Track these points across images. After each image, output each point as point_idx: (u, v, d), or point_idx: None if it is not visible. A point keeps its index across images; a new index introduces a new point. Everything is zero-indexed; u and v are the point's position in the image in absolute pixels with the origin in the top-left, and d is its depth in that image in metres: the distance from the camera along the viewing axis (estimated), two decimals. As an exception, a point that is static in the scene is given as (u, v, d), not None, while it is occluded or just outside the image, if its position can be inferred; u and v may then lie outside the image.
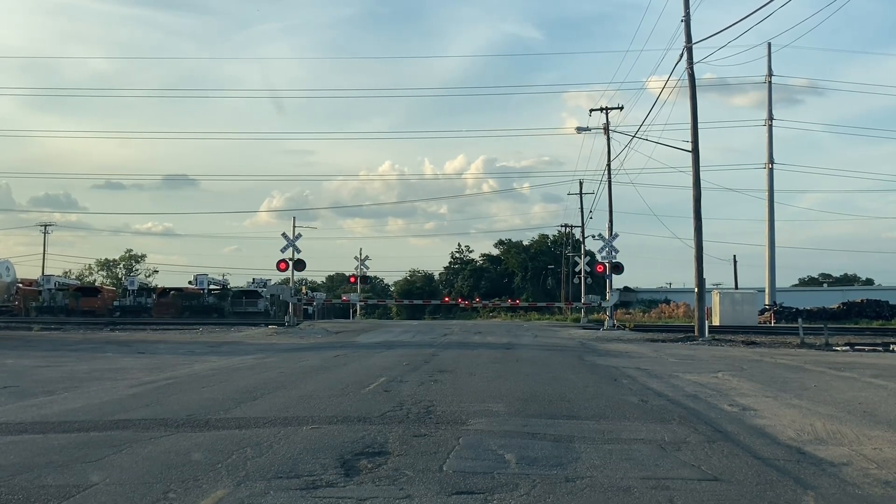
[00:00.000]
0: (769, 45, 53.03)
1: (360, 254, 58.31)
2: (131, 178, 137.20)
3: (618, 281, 43.78)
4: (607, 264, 38.15)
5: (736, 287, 65.71)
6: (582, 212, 61.69)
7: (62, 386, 12.13)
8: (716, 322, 40.56)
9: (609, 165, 43.85)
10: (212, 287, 54.75)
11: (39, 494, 5.57)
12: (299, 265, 37.71)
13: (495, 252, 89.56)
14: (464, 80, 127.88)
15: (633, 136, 36.03)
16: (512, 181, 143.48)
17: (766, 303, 51.12)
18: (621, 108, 44.49)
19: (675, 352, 22.34)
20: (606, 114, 44.14)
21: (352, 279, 59.04)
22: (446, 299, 69.75)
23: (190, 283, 55.57)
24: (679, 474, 6.38)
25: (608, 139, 43.93)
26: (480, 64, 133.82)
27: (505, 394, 11.33)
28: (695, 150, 30.12)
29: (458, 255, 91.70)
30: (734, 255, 71.35)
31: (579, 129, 45.08)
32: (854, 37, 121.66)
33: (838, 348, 23.80)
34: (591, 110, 44.86)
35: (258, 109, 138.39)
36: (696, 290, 29.85)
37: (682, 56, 29.78)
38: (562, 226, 78.60)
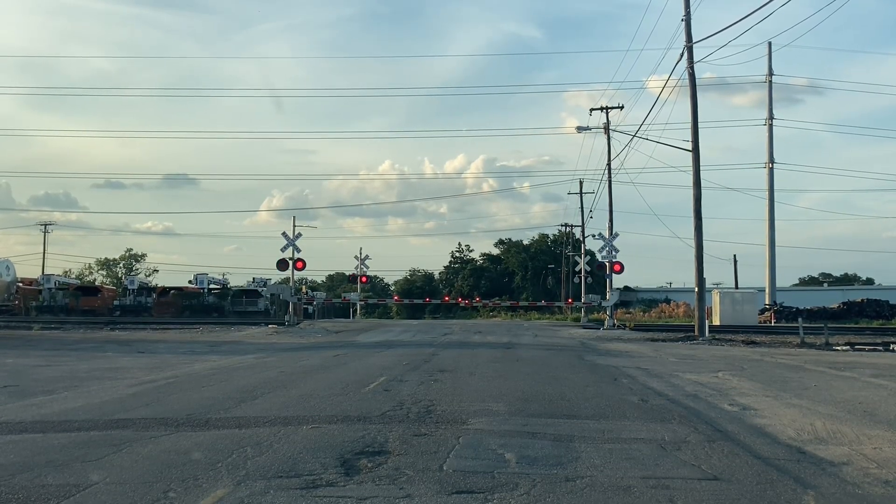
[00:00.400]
0: (769, 44, 53.12)
1: (360, 253, 58.37)
2: (131, 177, 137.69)
3: (618, 280, 43.85)
4: (607, 264, 38.18)
5: (736, 287, 65.67)
6: (582, 211, 61.80)
7: (62, 385, 12.13)
8: (716, 321, 40.57)
9: (609, 165, 43.93)
10: (212, 286, 54.78)
11: (39, 494, 5.57)
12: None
13: (495, 251, 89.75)
14: (464, 79, 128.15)
15: (634, 136, 36.10)
16: (512, 181, 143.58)
17: (767, 302, 51.13)
18: (621, 108, 44.65)
19: (675, 351, 22.33)
20: (607, 113, 44.24)
21: (351, 278, 59.05)
22: (446, 299, 69.77)
23: (190, 282, 55.58)
24: (679, 474, 6.37)
25: (608, 138, 44.03)
26: (480, 64, 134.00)
27: (505, 393, 11.33)
28: (695, 150, 30.11)
29: (458, 254, 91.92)
30: (734, 255, 71.35)
31: (579, 129, 45.16)
32: (855, 36, 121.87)
33: (838, 348, 23.79)
34: (592, 109, 45.06)
35: (258, 109, 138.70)
36: (696, 289, 29.84)
37: (682, 55, 29.81)
38: (562, 225, 78.83)
